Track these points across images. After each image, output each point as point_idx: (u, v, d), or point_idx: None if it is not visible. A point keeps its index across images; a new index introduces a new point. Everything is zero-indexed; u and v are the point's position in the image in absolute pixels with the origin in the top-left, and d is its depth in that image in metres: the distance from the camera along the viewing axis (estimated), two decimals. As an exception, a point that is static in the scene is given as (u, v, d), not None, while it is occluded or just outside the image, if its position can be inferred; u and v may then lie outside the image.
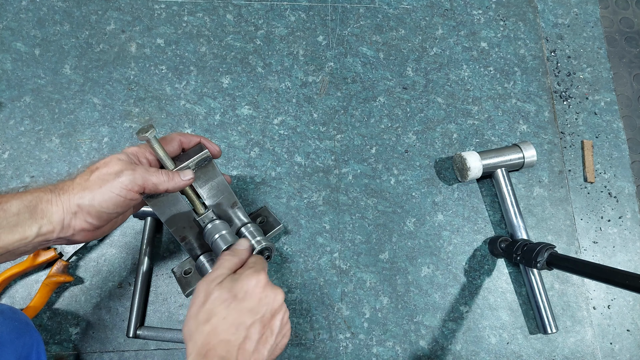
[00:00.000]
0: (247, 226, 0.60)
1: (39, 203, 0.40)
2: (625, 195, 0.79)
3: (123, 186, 0.42)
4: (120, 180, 0.42)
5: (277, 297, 0.44)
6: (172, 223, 0.53)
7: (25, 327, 0.51)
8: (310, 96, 0.79)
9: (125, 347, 0.64)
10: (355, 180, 0.75)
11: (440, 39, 0.85)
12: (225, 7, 0.83)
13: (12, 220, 0.39)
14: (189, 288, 0.63)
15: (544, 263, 0.60)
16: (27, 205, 0.40)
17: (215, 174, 0.54)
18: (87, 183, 0.42)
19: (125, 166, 0.43)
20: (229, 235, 0.53)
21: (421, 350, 0.67)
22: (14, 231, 0.39)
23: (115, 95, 0.76)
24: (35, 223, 0.40)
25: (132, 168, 0.43)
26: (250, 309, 0.41)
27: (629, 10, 0.99)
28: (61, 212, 0.41)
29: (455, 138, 0.79)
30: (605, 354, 0.70)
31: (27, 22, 0.79)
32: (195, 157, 0.50)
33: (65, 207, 0.41)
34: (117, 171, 0.42)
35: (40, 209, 0.40)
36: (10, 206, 0.39)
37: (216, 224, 0.54)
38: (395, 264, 0.71)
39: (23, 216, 0.39)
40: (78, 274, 0.67)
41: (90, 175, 0.42)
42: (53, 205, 0.41)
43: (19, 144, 0.73)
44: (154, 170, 0.45)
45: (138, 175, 0.43)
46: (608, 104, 0.84)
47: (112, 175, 0.42)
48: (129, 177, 0.42)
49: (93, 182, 0.42)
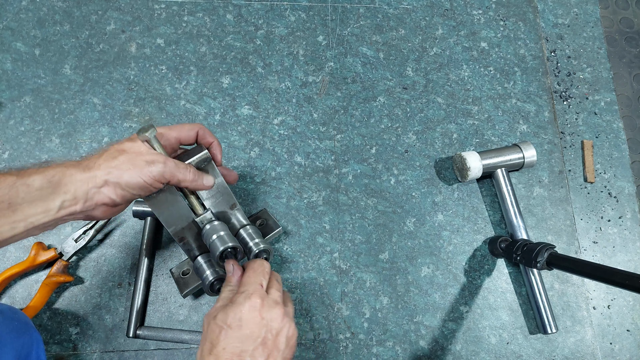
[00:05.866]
0: (245, 228, 0.59)
1: (62, 178, 0.40)
2: (625, 195, 0.79)
3: (152, 175, 0.43)
4: (150, 170, 0.43)
5: (276, 315, 0.44)
6: (171, 223, 0.53)
7: (25, 327, 0.51)
8: (310, 96, 0.79)
9: (125, 347, 0.64)
10: (355, 180, 0.75)
11: (440, 39, 0.85)
12: (225, 7, 0.83)
13: (36, 195, 0.39)
14: (186, 289, 0.63)
15: (544, 263, 0.60)
16: (50, 180, 0.40)
17: (215, 174, 0.54)
18: (115, 162, 0.42)
19: (157, 156, 0.44)
20: (226, 237, 0.53)
21: (421, 350, 0.67)
22: (37, 205, 0.39)
23: (115, 95, 0.76)
24: (59, 197, 0.40)
25: (163, 160, 0.44)
26: (249, 335, 0.41)
27: (629, 10, 0.99)
28: (86, 185, 0.41)
29: (455, 138, 0.79)
30: (605, 354, 0.70)
31: (27, 22, 0.79)
32: (195, 158, 0.50)
33: (90, 182, 0.41)
34: (149, 160, 0.43)
35: (64, 183, 0.40)
36: (34, 181, 0.39)
37: (214, 225, 0.54)
38: (395, 264, 0.71)
39: (46, 190, 0.40)
40: (78, 274, 0.67)
41: (118, 155, 0.43)
42: (77, 179, 0.41)
43: (19, 144, 0.73)
44: (183, 166, 0.46)
45: (168, 170, 0.44)
46: (608, 104, 0.84)
47: (143, 163, 0.43)
48: (159, 169, 0.43)
49: (122, 162, 0.43)
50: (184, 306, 0.67)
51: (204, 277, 0.57)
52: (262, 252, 0.57)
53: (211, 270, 0.56)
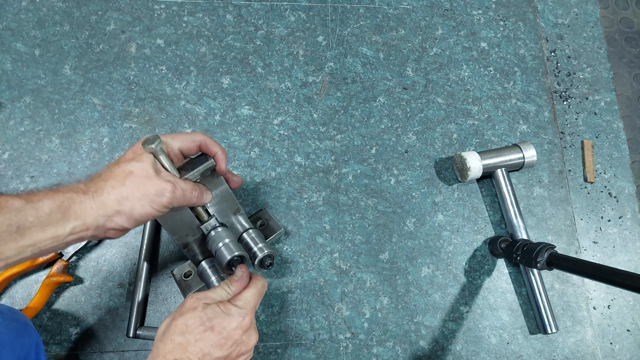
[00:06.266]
0: (248, 232, 0.60)
1: (71, 204, 0.40)
2: (625, 195, 0.79)
3: (163, 204, 0.43)
4: (161, 200, 0.43)
5: (251, 342, 0.46)
6: (175, 231, 0.53)
7: (24, 327, 0.51)
8: (310, 96, 0.79)
9: (125, 347, 0.64)
10: (355, 180, 0.75)
11: (440, 39, 0.85)
12: (225, 7, 0.83)
13: (44, 220, 0.39)
14: (189, 292, 0.63)
15: (544, 263, 0.60)
16: (59, 205, 0.39)
17: (219, 182, 0.54)
18: (124, 189, 0.42)
19: (165, 184, 0.43)
20: (232, 245, 0.53)
21: (421, 350, 0.67)
22: (46, 230, 0.39)
23: (115, 95, 0.76)
24: (69, 223, 0.40)
25: (172, 189, 0.44)
26: (222, 345, 0.43)
27: (629, 10, 0.99)
28: (96, 214, 0.41)
29: (455, 138, 0.79)
30: (605, 354, 0.70)
31: (27, 23, 0.79)
32: (200, 168, 0.49)
33: (101, 210, 0.41)
34: (159, 191, 0.43)
35: (73, 210, 0.40)
36: (42, 205, 0.39)
37: (219, 231, 0.54)
38: (395, 264, 0.71)
39: (55, 216, 0.39)
40: (78, 274, 0.67)
41: (126, 180, 0.42)
42: (87, 207, 0.41)
43: (19, 145, 0.73)
44: (190, 189, 0.46)
45: (177, 198, 0.44)
46: (608, 104, 0.84)
47: (153, 192, 0.43)
48: (169, 199, 0.43)
49: (132, 189, 0.42)
50: (184, 306, 0.67)
51: (209, 282, 0.57)
52: (266, 257, 0.58)
53: (216, 277, 0.57)
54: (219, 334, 0.43)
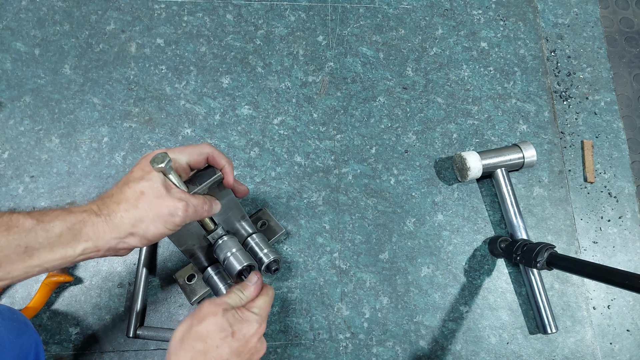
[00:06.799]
0: (252, 237, 0.60)
1: (83, 227, 0.40)
2: (625, 195, 0.79)
3: (177, 223, 0.43)
4: (174, 220, 0.43)
5: (262, 350, 0.47)
6: (182, 242, 0.54)
7: (24, 327, 0.51)
8: (310, 96, 0.79)
9: (125, 347, 0.64)
10: (355, 180, 0.75)
11: (440, 39, 0.85)
12: (225, 7, 0.83)
13: (54, 241, 0.39)
14: (194, 296, 0.63)
15: (544, 263, 0.60)
16: (71, 227, 0.39)
17: (226, 192, 0.54)
18: (137, 212, 0.42)
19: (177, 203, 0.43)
20: (240, 254, 0.54)
21: (421, 350, 0.67)
22: (55, 251, 0.39)
23: (115, 95, 0.76)
24: (79, 245, 0.40)
25: (185, 207, 0.43)
26: (240, 352, 0.44)
27: (629, 10, 0.99)
28: (109, 237, 0.41)
29: (455, 138, 0.79)
30: (605, 354, 0.70)
31: (27, 22, 0.79)
32: (209, 182, 0.49)
33: (114, 233, 0.41)
34: (172, 211, 0.43)
35: (85, 233, 0.40)
36: (53, 227, 0.39)
37: (226, 240, 0.54)
38: (395, 264, 0.71)
39: (66, 237, 0.39)
40: (78, 274, 0.67)
41: (138, 202, 0.42)
42: (100, 229, 0.41)
43: (19, 144, 0.72)
44: (201, 205, 0.46)
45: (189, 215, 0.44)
46: (608, 104, 0.84)
47: (166, 212, 0.42)
48: (181, 218, 0.43)
49: (145, 211, 0.42)
50: (184, 306, 0.67)
51: (217, 289, 0.58)
52: (272, 262, 0.59)
53: (224, 284, 0.58)
54: (239, 341, 0.43)
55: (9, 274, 0.37)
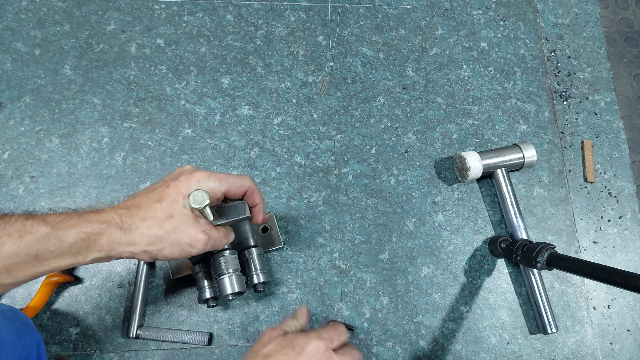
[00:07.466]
0: (251, 251, 0.62)
1: (99, 238, 0.39)
2: (625, 195, 0.79)
3: (192, 254, 0.44)
4: (190, 250, 0.44)
5: None
6: None
7: (25, 327, 0.51)
8: (310, 96, 0.79)
9: (125, 347, 0.64)
10: (355, 180, 0.75)
11: (440, 39, 0.85)
12: (225, 7, 0.83)
13: (66, 250, 0.38)
14: (177, 274, 0.65)
15: (544, 263, 0.60)
16: (85, 238, 0.39)
17: (245, 223, 0.54)
18: (160, 232, 0.41)
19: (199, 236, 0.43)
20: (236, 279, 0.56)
21: (421, 350, 0.67)
22: (65, 258, 0.39)
23: (115, 95, 0.76)
24: (91, 254, 0.40)
25: (205, 241, 0.44)
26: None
27: (629, 10, 0.99)
28: (122, 248, 0.41)
29: (455, 138, 0.79)
30: (605, 354, 0.70)
31: (27, 22, 0.79)
32: (236, 219, 0.49)
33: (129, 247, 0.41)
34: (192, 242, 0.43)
35: (100, 244, 0.40)
36: (68, 236, 0.38)
37: (226, 257, 0.56)
38: (395, 264, 0.71)
39: (78, 247, 0.39)
40: (78, 274, 0.67)
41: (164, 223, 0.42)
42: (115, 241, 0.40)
43: (19, 144, 0.73)
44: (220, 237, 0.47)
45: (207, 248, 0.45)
46: (608, 104, 0.84)
47: (187, 242, 0.43)
48: (200, 250, 0.44)
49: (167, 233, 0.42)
50: (184, 306, 0.67)
51: (201, 288, 0.60)
52: (261, 284, 0.61)
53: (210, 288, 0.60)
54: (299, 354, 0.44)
55: (16, 280, 0.37)
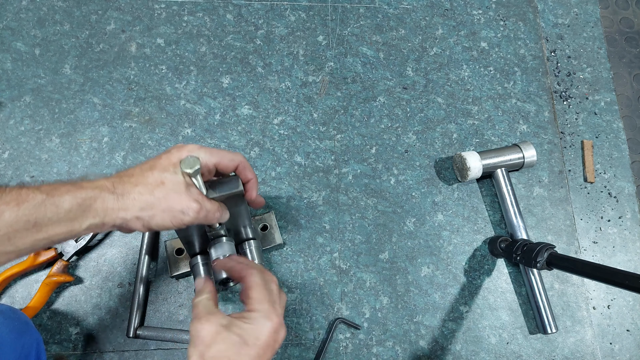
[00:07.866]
0: (249, 243, 0.61)
1: (93, 203, 0.40)
2: (625, 195, 0.79)
3: (184, 222, 0.43)
4: (182, 218, 0.43)
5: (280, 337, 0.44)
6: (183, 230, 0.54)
7: (25, 327, 0.51)
8: (310, 96, 0.79)
9: (125, 347, 0.64)
10: (355, 180, 0.75)
11: (440, 39, 0.85)
12: (225, 7, 0.83)
13: (63, 216, 0.39)
14: (176, 271, 0.64)
15: (543, 263, 0.60)
16: (81, 203, 0.39)
17: (242, 201, 0.53)
18: (151, 197, 0.42)
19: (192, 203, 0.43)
20: None
21: (421, 350, 0.67)
22: (62, 225, 0.39)
23: (115, 95, 0.76)
24: (86, 220, 0.40)
25: (197, 209, 0.43)
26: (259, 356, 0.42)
27: (629, 10, 0.99)
28: (116, 214, 0.41)
29: (455, 138, 0.79)
30: (605, 354, 0.70)
31: (27, 22, 0.79)
32: (229, 193, 0.48)
33: (122, 212, 0.41)
34: (185, 209, 0.43)
35: (94, 209, 0.40)
36: (63, 202, 0.39)
37: (223, 243, 0.55)
38: (395, 264, 0.71)
39: (74, 213, 0.39)
40: (78, 274, 0.67)
41: (155, 189, 0.42)
42: (108, 207, 0.41)
43: (19, 144, 0.73)
44: (213, 211, 0.46)
45: (200, 218, 0.44)
46: (608, 104, 0.84)
47: (178, 209, 0.42)
48: (192, 219, 0.43)
49: (158, 200, 0.42)
50: (184, 306, 0.67)
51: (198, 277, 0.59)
52: None
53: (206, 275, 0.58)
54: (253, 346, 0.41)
55: (17, 247, 0.38)
